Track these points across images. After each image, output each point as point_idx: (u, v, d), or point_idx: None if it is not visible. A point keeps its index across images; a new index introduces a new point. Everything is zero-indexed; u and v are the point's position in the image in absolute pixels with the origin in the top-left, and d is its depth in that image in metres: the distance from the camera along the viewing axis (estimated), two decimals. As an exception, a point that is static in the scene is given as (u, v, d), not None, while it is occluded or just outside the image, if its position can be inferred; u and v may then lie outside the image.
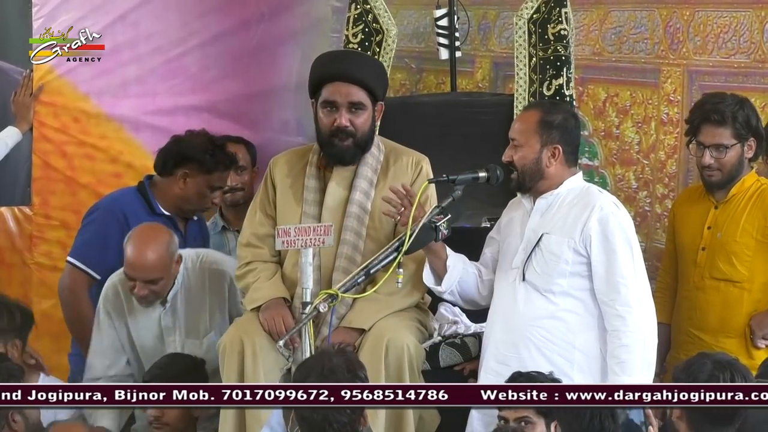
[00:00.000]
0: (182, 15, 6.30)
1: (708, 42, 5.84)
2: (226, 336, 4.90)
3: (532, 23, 5.66)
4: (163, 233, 5.18)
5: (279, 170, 5.11)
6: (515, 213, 4.88)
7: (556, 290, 4.66)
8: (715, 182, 5.14)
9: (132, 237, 5.13)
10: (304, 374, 4.06)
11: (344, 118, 4.91)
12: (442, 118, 5.78)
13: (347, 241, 4.92)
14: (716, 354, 3.93)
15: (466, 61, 6.67)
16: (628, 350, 4.51)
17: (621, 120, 6.17)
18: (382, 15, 5.85)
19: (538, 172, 4.75)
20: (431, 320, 5.08)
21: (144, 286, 5.11)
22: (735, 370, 3.76)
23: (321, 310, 4.50)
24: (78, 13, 6.11)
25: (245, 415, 4.76)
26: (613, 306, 4.60)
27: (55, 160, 6.09)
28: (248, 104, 6.35)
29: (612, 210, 4.70)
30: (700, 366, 3.77)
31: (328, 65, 5.04)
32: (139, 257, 5.08)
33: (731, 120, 5.07)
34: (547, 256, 4.68)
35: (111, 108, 6.16)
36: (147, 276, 5.10)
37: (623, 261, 4.63)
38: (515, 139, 4.76)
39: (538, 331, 4.64)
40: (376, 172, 5.02)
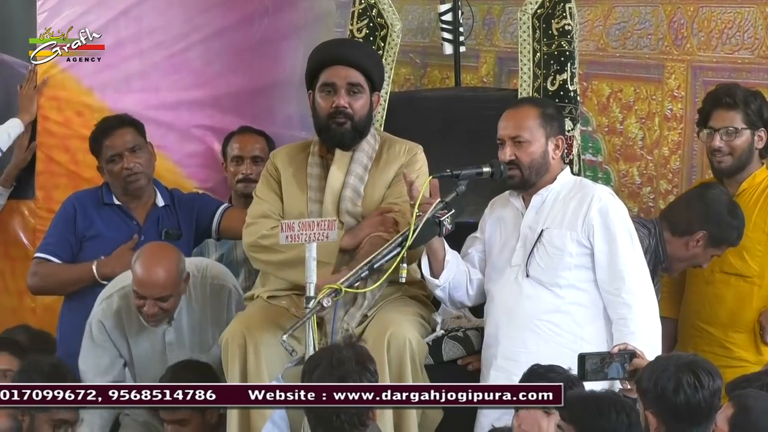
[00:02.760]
0: (185, 10, 6.30)
1: (712, 38, 5.84)
2: (228, 330, 4.91)
3: (537, 18, 5.66)
4: (172, 251, 5.15)
5: (280, 160, 5.13)
6: (503, 212, 4.89)
7: (562, 284, 4.68)
8: (725, 168, 5.14)
9: (141, 256, 5.09)
10: (314, 365, 4.06)
11: (343, 99, 4.94)
12: (446, 113, 5.77)
13: (346, 225, 4.93)
14: (676, 356, 3.90)
15: (471, 56, 6.66)
16: (636, 338, 4.51)
17: (625, 116, 6.16)
18: (386, 10, 5.85)
19: (544, 166, 4.78)
20: (434, 314, 5.08)
21: (154, 304, 5.06)
22: (699, 369, 3.73)
23: (325, 305, 4.50)
24: (81, 8, 6.11)
25: (250, 411, 4.76)
26: (618, 295, 4.63)
27: (59, 154, 6.09)
28: (251, 99, 6.34)
29: (610, 200, 4.74)
30: (662, 373, 3.73)
31: (325, 51, 5.10)
32: (149, 275, 5.03)
33: (743, 105, 5.09)
34: (551, 250, 4.68)
35: (114, 102, 6.15)
36: (157, 294, 5.05)
37: (625, 250, 4.67)
38: (519, 136, 4.75)
39: (546, 325, 4.65)
40: (371, 159, 5.04)
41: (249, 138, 5.95)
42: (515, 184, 4.80)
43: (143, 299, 5.06)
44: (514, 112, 4.88)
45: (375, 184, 5.03)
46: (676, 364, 3.75)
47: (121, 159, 5.57)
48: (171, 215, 5.70)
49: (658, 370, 3.74)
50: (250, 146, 5.92)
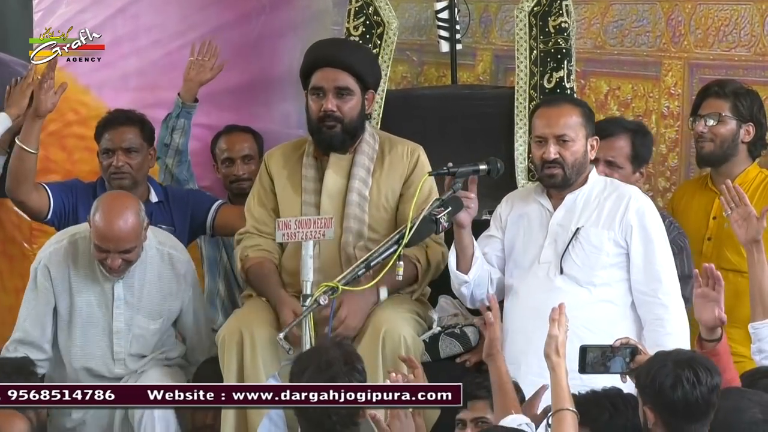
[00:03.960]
0: (182, 8, 6.29)
1: (709, 35, 5.83)
2: (225, 328, 4.91)
3: (533, 16, 5.65)
4: (131, 199, 4.99)
5: (275, 162, 5.12)
6: (525, 209, 4.87)
7: (597, 282, 4.70)
8: (705, 154, 5.16)
9: (100, 207, 4.91)
10: (302, 367, 4.04)
11: (330, 103, 4.94)
12: (442, 111, 5.77)
13: (351, 230, 4.93)
14: (675, 352, 3.90)
15: (467, 53, 6.67)
16: (672, 338, 4.54)
17: (622, 113, 6.16)
18: (383, 7, 5.84)
19: (584, 165, 4.80)
20: (430, 312, 5.08)
21: (118, 257, 4.90)
22: (697, 365, 3.73)
23: (321, 302, 4.50)
24: (78, 6, 6.09)
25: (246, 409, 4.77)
26: (655, 295, 4.66)
27: (55, 152, 6.07)
28: (249, 97, 6.33)
29: (646, 201, 4.80)
30: (661, 368, 3.73)
31: (316, 52, 5.09)
32: (111, 228, 4.85)
33: (732, 96, 5.11)
34: (588, 249, 4.71)
35: (111, 101, 6.13)
36: (122, 247, 4.89)
37: (661, 250, 4.71)
38: (565, 135, 4.73)
39: (580, 322, 4.61)
40: (372, 161, 5.04)
41: (236, 138, 5.91)
42: (557, 182, 4.78)
43: (106, 252, 4.89)
44: (556, 110, 4.82)
45: (380, 188, 5.03)
46: (675, 360, 3.74)
47: (113, 155, 5.55)
48: (164, 211, 5.65)
49: (657, 366, 3.74)
50: (238, 146, 5.88)
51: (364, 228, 4.96)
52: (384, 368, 4.69)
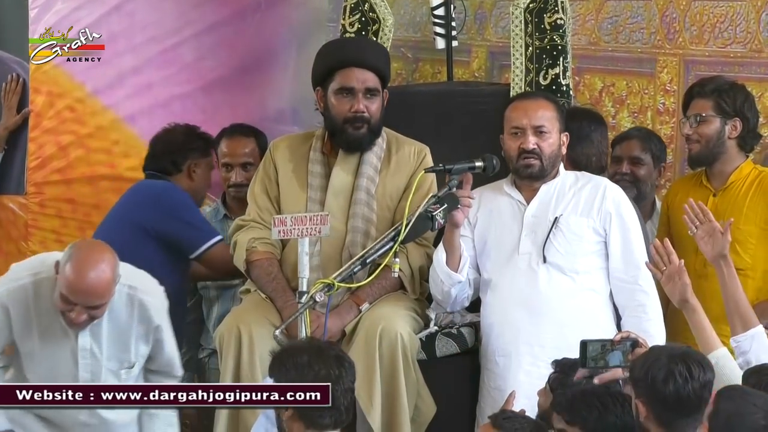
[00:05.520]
0: (178, 5, 6.29)
1: (704, 32, 5.84)
2: (223, 325, 4.91)
3: (529, 12, 5.65)
4: (107, 252, 4.47)
5: (281, 154, 5.11)
6: (494, 203, 4.90)
7: (579, 269, 4.76)
8: (694, 155, 5.18)
9: (74, 256, 4.40)
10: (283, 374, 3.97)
11: (362, 104, 4.94)
12: (438, 108, 5.76)
13: (358, 228, 4.93)
14: (669, 347, 3.90)
15: (463, 50, 6.67)
16: (653, 324, 4.65)
17: (617, 110, 6.17)
18: (378, 4, 5.84)
19: (558, 158, 4.89)
20: (427, 310, 5.08)
21: (84, 311, 4.42)
22: (691, 360, 3.74)
23: (317, 299, 4.49)
24: (74, 3, 6.09)
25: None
26: (635, 282, 4.74)
27: (51, 149, 6.08)
28: (244, 94, 6.34)
29: (619, 190, 4.89)
30: (654, 362, 3.74)
31: (341, 51, 5.07)
32: (83, 280, 4.36)
33: (714, 94, 5.11)
34: (570, 236, 4.76)
35: (107, 98, 6.14)
36: (90, 302, 4.41)
37: (637, 238, 4.81)
38: (543, 126, 4.80)
39: (565, 309, 4.68)
40: (380, 159, 5.04)
41: (238, 143, 5.79)
42: (533, 173, 4.84)
43: (72, 305, 4.41)
44: (532, 103, 4.92)
45: (386, 188, 5.03)
46: (668, 354, 3.76)
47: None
48: None
49: (651, 360, 3.75)
50: (239, 151, 5.78)
51: (371, 227, 4.95)
52: (381, 365, 4.69)
